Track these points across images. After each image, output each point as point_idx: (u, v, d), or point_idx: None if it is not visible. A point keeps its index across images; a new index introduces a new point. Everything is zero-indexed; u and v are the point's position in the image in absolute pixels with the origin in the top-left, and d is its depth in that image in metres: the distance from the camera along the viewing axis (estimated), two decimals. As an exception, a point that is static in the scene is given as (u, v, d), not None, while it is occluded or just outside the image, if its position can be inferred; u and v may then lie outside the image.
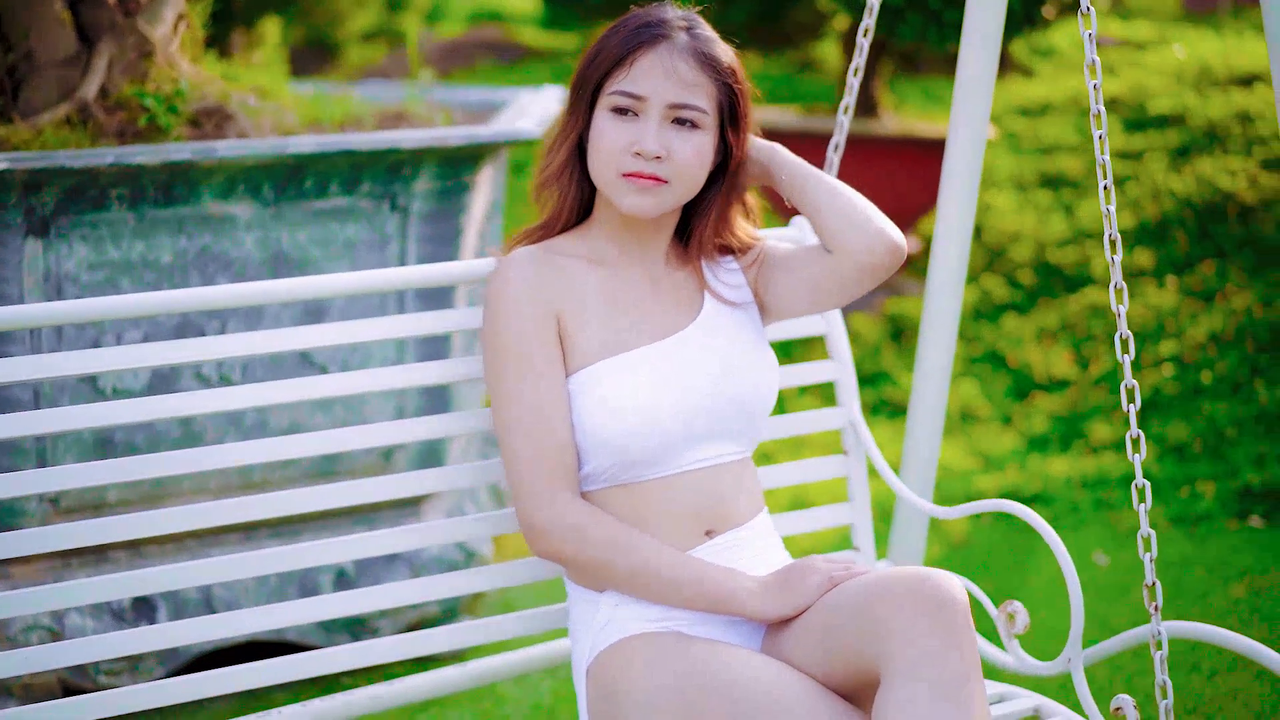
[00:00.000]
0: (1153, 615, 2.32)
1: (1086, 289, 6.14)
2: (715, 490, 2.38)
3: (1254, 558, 4.33)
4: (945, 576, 2.14)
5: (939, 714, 2.03)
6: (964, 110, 2.87)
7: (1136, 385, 2.38)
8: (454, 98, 4.53)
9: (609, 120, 2.32)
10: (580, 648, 2.38)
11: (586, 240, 2.43)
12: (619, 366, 2.32)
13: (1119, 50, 8.98)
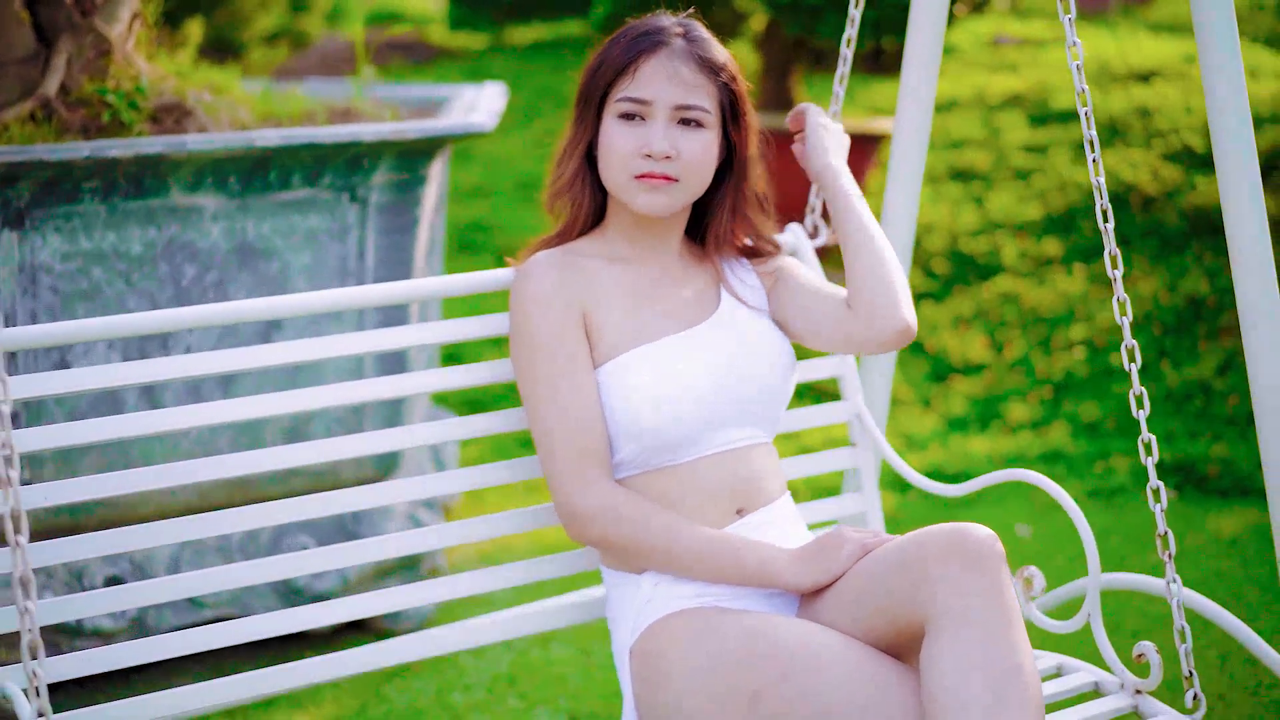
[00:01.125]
0: (1166, 564, 2.48)
1: (998, 277, 6.39)
2: (743, 471, 2.49)
3: (1172, 529, 4.56)
4: (980, 529, 2.24)
5: (991, 655, 2.13)
6: (908, 109, 3.06)
7: (1144, 392, 2.55)
8: (396, 94, 4.65)
9: (617, 126, 2.43)
10: (621, 629, 2.46)
11: (602, 243, 2.54)
12: (646, 355, 2.43)
13: (1019, 49, 9.26)
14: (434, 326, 2.62)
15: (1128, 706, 2.51)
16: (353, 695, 3.66)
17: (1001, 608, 2.18)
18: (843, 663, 2.23)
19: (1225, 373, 5.56)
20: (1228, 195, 2.58)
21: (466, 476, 2.59)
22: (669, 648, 2.37)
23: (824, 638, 2.27)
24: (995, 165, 7.26)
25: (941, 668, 2.14)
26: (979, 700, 2.10)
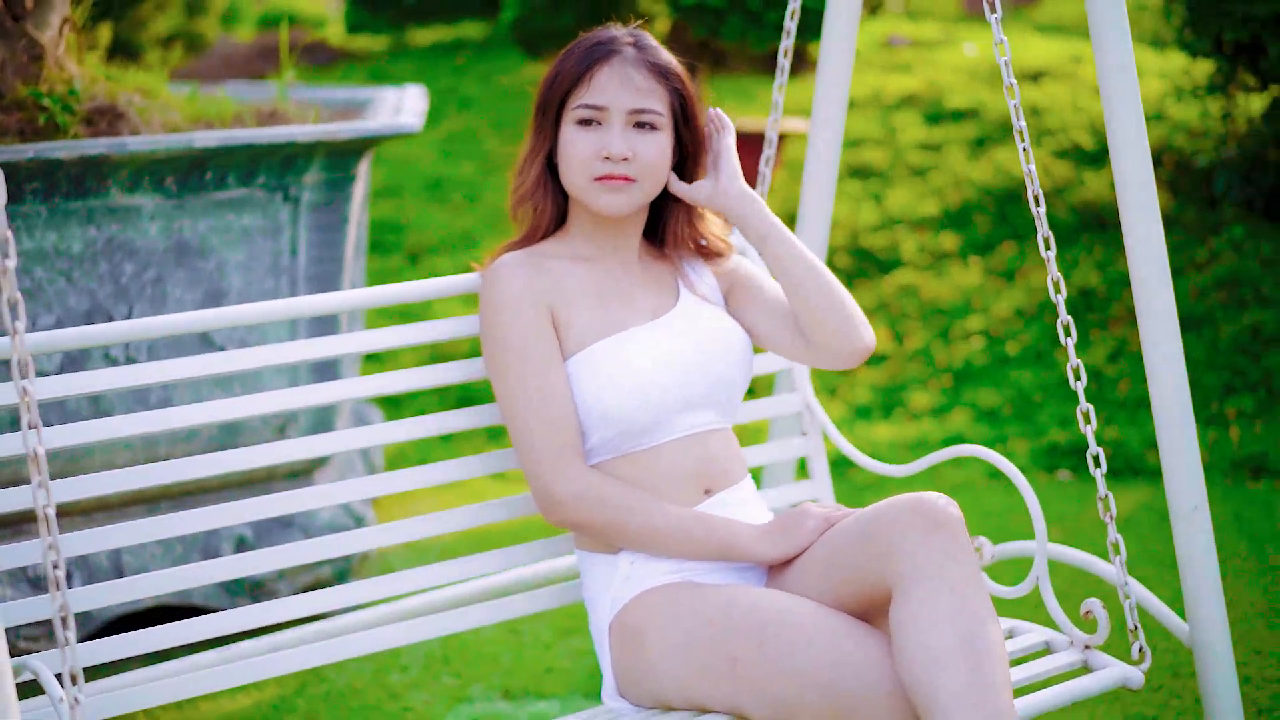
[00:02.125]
0: (1109, 525, 2.67)
1: (897, 271, 6.62)
2: (708, 453, 2.63)
3: (1065, 506, 4.80)
4: (939, 496, 2.40)
5: (960, 610, 2.28)
6: (824, 107, 3.25)
7: (1082, 365, 2.73)
8: (317, 97, 4.77)
9: (576, 132, 2.58)
10: (599, 608, 2.60)
11: (566, 244, 2.68)
12: (613, 347, 2.57)
13: (913, 49, 9.52)
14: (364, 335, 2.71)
15: (1078, 661, 2.67)
16: (293, 676, 3.78)
17: (965, 566, 2.33)
18: (816, 627, 2.36)
19: (1116, 360, 5.82)
20: (1124, 190, 2.74)
21: (398, 479, 2.69)
22: (648, 621, 2.51)
23: (796, 605, 2.41)
24: (893, 163, 7.49)
25: (914, 625, 2.28)
26: (952, 652, 2.24)
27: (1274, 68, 6.14)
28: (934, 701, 2.23)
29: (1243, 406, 5.50)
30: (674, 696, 2.49)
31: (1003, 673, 2.28)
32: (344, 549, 2.65)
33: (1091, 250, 6.49)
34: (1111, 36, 2.70)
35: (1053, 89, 7.97)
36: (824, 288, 2.67)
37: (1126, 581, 2.68)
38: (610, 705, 2.61)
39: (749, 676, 2.38)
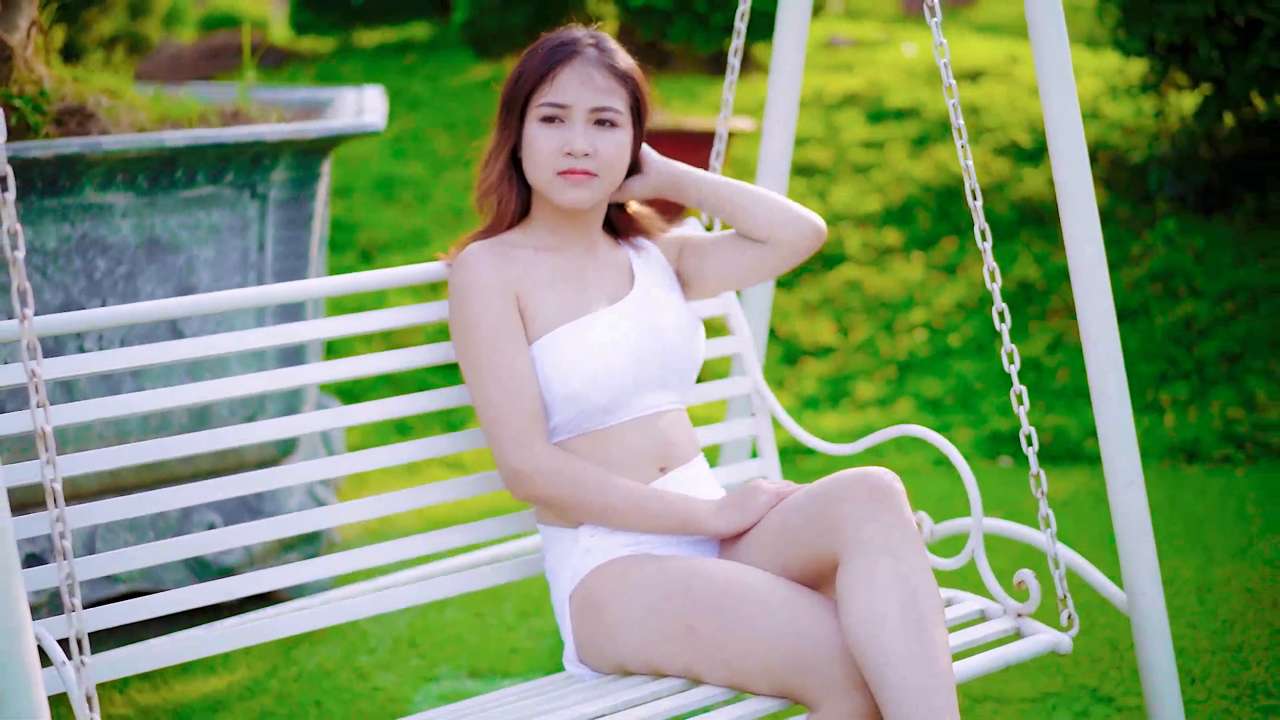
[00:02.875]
0: (1040, 500, 2.81)
1: (842, 266, 6.79)
2: (663, 433, 2.78)
3: (1007, 491, 4.97)
4: (884, 471, 2.54)
5: (902, 576, 2.43)
6: (776, 107, 3.40)
7: (1015, 349, 2.88)
8: (278, 97, 4.88)
9: (540, 129, 2.71)
10: (561, 580, 2.74)
11: (529, 234, 2.81)
12: (575, 331, 2.71)
13: (853, 50, 9.69)
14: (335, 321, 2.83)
15: (1011, 628, 2.82)
16: (264, 660, 3.89)
17: (906, 535, 2.47)
18: (769, 594, 2.50)
19: (1054, 351, 6.00)
20: (1063, 187, 2.86)
21: (360, 459, 2.81)
22: (608, 592, 2.64)
23: (750, 575, 2.54)
24: (836, 161, 7.66)
25: (859, 591, 2.42)
26: (894, 616, 2.39)
27: (1204, 67, 6.33)
28: (878, 663, 2.36)
29: (1176, 394, 5.69)
30: (632, 662, 2.62)
31: (941, 637, 2.41)
32: (315, 524, 2.75)
33: (1030, 245, 6.68)
34: (1049, 39, 2.83)
35: (991, 88, 8.16)
36: (760, 199, 2.87)
37: (1056, 554, 2.83)
38: (571, 671, 2.74)
39: (706, 643, 2.51)
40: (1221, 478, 5.17)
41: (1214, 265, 6.28)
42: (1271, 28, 6.02)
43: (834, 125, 8.06)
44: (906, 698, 2.34)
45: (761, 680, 2.48)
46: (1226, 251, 6.34)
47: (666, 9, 6.25)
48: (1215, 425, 5.45)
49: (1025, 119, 7.70)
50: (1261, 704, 3.54)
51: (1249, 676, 3.67)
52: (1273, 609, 4.07)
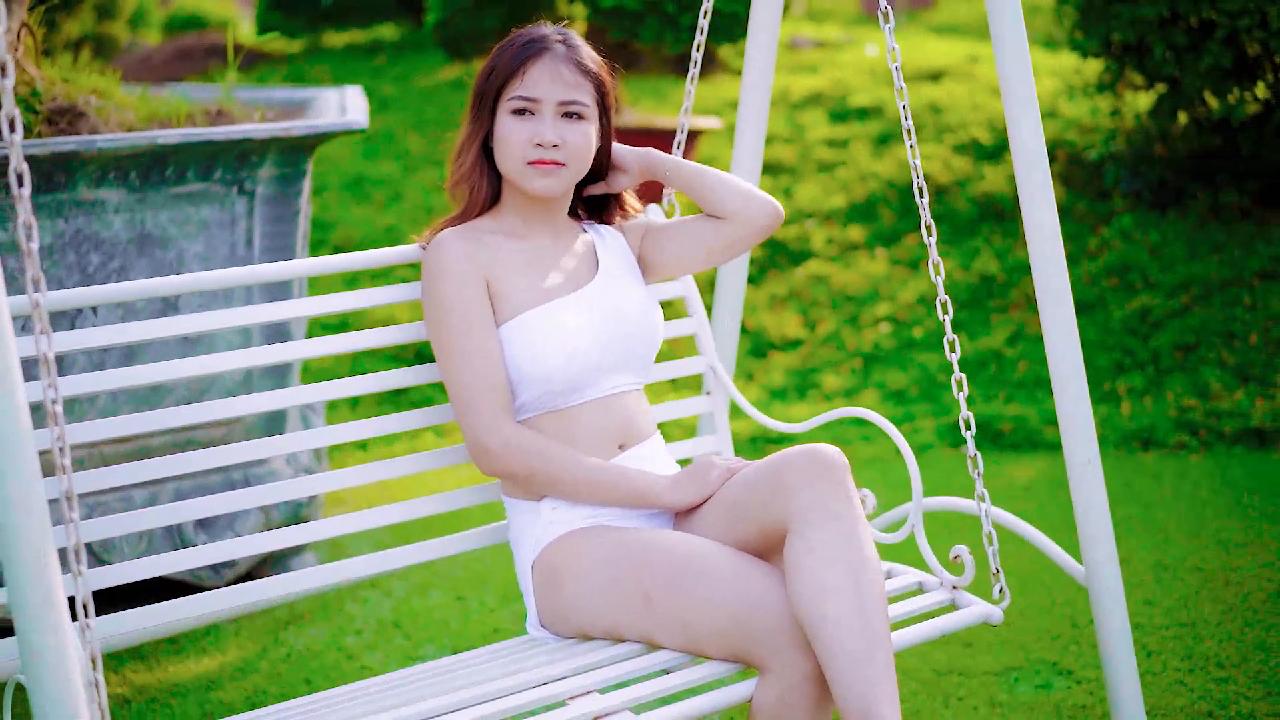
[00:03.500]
0: (976, 480, 2.96)
1: (808, 261, 6.94)
2: (623, 412, 2.92)
3: (967, 477, 5.12)
4: (830, 448, 2.69)
5: (846, 548, 2.57)
6: (748, 106, 3.53)
7: (957, 339, 3.03)
8: (259, 97, 4.99)
9: (511, 121, 2.85)
10: (524, 549, 2.87)
11: (499, 220, 2.95)
12: (543, 314, 2.84)
13: (817, 50, 9.85)
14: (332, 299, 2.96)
15: (946, 600, 2.95)
16: (254, 640, 4.02)
17: (850, 509, 2.62)
18: (721, 564, 2.64)
19: (1015, 342, 6.17)
20: (1024, 183, 2.99)
21: (343, 431, 2.93)
22: (569, 560, 2.78)
23: (703, 545, 2.69)
24: (801, 159, 7.81)
25: (805, 561, 2.56)
26: (837, 585, 2.53)
27: (1159, 67, 6.50)
28: (821, 628, 2.51)
29: (1133, 384, 5.87)
30: (593, 628, 2.76)
31: (880, 606, 2.55)
32: (301, 491, 2.86)
33: (990, 240, 6.85)
34: (1010, 41, 2.96)
35: (952, 88, 8.33)
36: (724, 179, 3.01)
37: (991, 532, 2.96)
38: (534, 635, 2.88)
39: (663, 609, 2.65)
40: (1176, 464, 5.34)
41: (1168, 259, 6.46)
42: (1223, 29, 6.20)
43: (799, 124, 8.22)
44: (847, 662, 2.49)
45: (715, 645, 2.62)
46: (1180, 246, 6.53)
47: (637, 10, 6.38)
48: (1170, 413, 5.63)
49: (985, 117, 7.87)
50: (1215, 675, 3.70)
51: (1202, 649, 3.84)
52: (1225, 587, 4.24)
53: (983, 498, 2.99)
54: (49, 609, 1.93)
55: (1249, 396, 5.69)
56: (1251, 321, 6.05)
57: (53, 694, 1.94)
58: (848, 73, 8.95)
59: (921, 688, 3.68)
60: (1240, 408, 5.61)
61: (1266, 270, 6.28)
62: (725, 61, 9.42)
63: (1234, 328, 6.04)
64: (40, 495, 1.92)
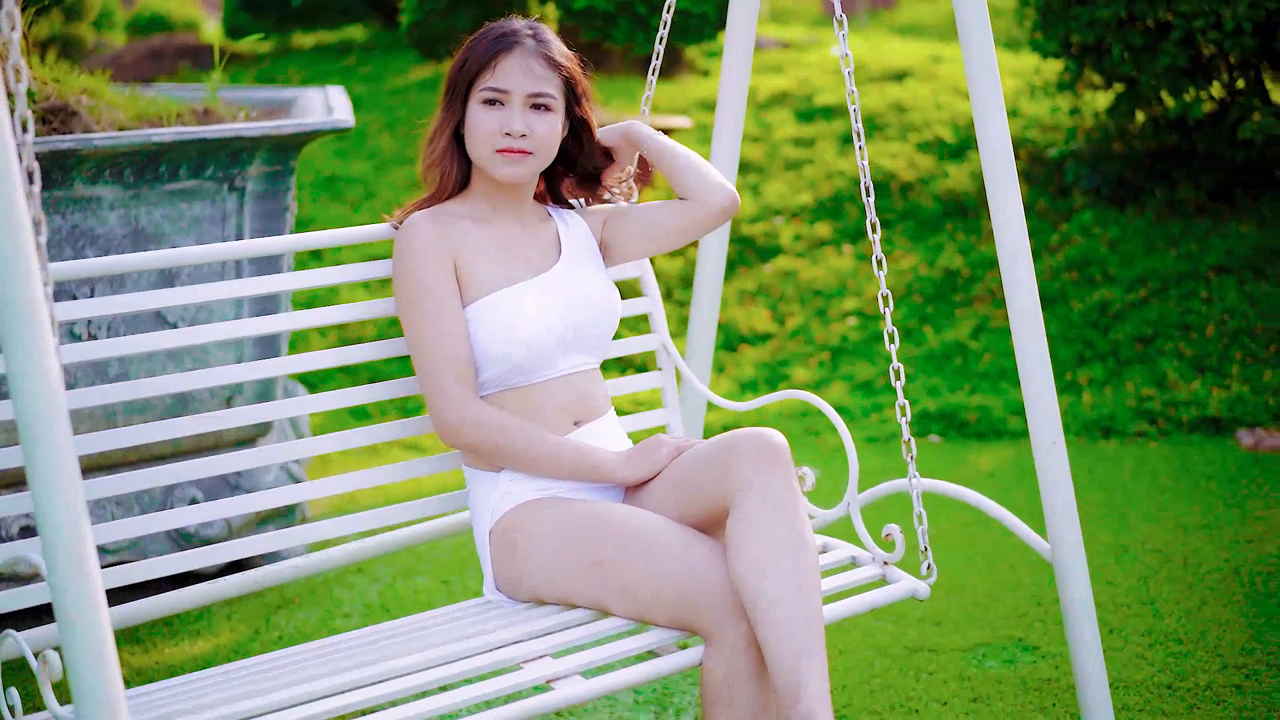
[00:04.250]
0: (909, 463, 3.09)
1: (777, 258, 7.10)
2: (580, 391, 3.06)
3: (935, 465, 5.29)
4: (772, 431, 2.84)
5: (784, 526, 2.72)
6: (727, 100, 3.67)
7: (896, 330, 3.17)
8: (242, 96, 5.11)
9: (482, 111, 2.99)
10: (481, 518, 3.01)
11: (468, 205, 3.09)
12: (508, 296, 2.98)
13: (782, 51, 10.00)
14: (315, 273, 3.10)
15: (877, 574, 3.08)
16: (246, 624, 4.14)
17: (790, 490, 2.78)
18: (667, 537, 2.79)
19: (979, 335, 6.34)
20: (992, 182, 3.12)
21: (330, 441, 3.07)
22: (524, 529, 2.93)
23: (651, 518, 2.84)
24: (768, 157, 7.96)
25: (744, 536, 2.72)
26: (776, 563, 2.68)
27: (1117, 67, 6.68)
28: (758, 602, 2.66)
29: (1093, 374, 6.04)
30: (546, 593, 2.91)
31: (814, 581, 2.70)
32: (289, 498, 3.03)
33: (954, 236, 7.02)
34: (978, 42, 3.09)
35: (915, 87, 8.49)
36: (693, 162, 3.15)
37: (921, 512, 3.08)
38: (490, 598, 3.03)
39: (612, 577, 2.80)
40: (1136, 451, 5.51)
41: (1127, 254, 6.64)
42: (1179, 30, 6.37)
43: (765, 123, 8.36)
44: (781, 634, 2.64)
45: (660, 613, 2.77)
46: (1139, 241, 6.71)
47: (609, 11, 6.52)
48: (1130, 403, 5.80)
49: (949, 116, 8.03)
50: (1173, 650, 3.86)
51: (1162, 626, 4.00)
52: (1183, 567, 4.41)
53: (915, 478, 3.11)
54: (84, 579, 2.04)
55: (1205, 386, 5.87)
56: (1208, 314, 6.24)
57: (89, 661, 2.06)
58: (813, 73, 9.11)
59: (893, 663, 3.83)
60: (1197, 397, 5.79)
61: (1222, 264, 6.46)
62: (692, 62, 9.56)
63: (1191, 320, 6.22)
64: (75, 474, 2.03)
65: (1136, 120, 7.10)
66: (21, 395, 1.97)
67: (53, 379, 1.97)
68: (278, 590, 4.35)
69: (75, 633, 2.01)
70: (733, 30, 3.65)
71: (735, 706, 2.72)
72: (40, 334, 1.96)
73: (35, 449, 1.98)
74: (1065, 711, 3.56)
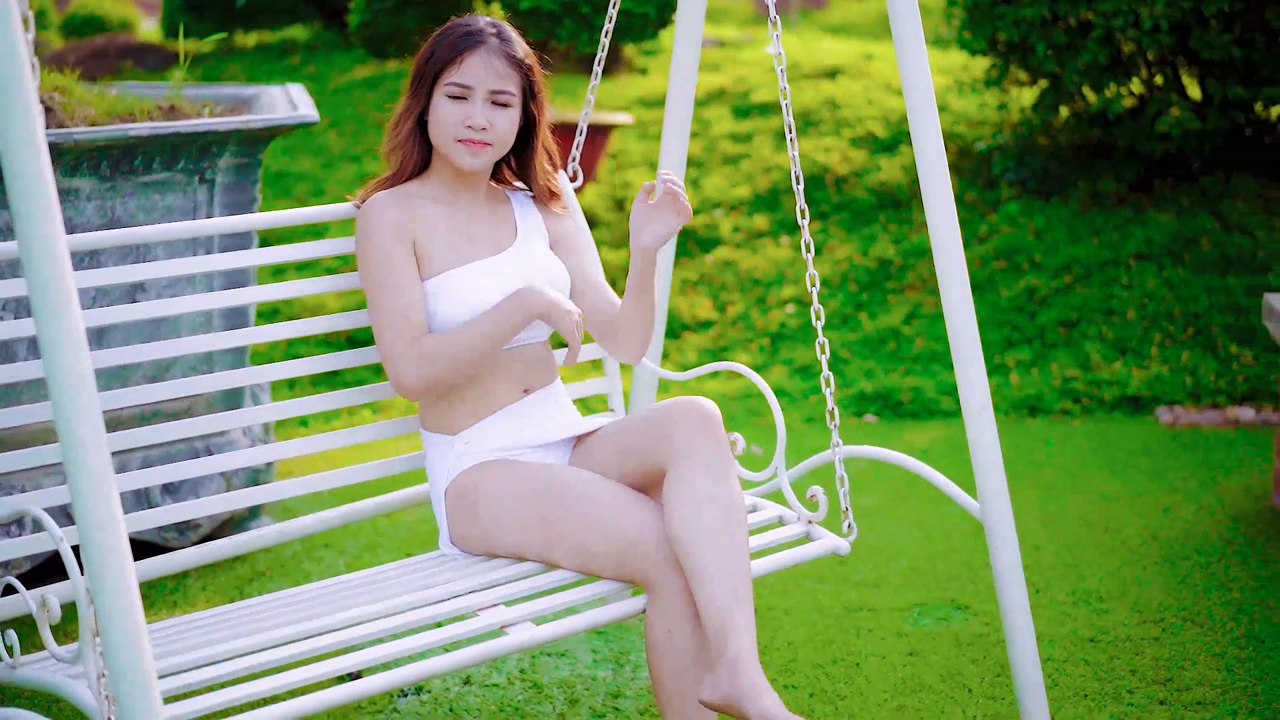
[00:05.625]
0: (832, 430, 3.34)
1: (717, 249, 7.35)
2: (530, 360, 3.29)
3: (870, 443, 5.52)
4: (706, 400, 3.10)
5: (716, 489, 2.97)
6: (675, 98, 3.90)
7: (821, 309, 3.41)
8: (206, 93, 5.30)
9: (447, 103, 3.21)
10: (438, 477, 3.24)
11: (427, 187, 3.31)
12: (465, 273, 3.20)
13: (718, 49, 10.26)
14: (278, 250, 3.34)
15: (802, 532, 3.32)
16: (220, 595, 4.34)
17: (722, 454, 3.03)
18: (609, 496, 3.03)
19: (911, 321, 6.62)
20: (925, 175, 3.32)
21: (294, 406, 3.31)
22: (478, 489, 3.16)
23: (595, 479, 3.08)
24: (707, 152, 8.22)
25: (678, 496, 2.96)
26: (707, 521, 2.92)
27: (1041, 64, 6.96)
28: (691, 555, 2.91)
29: (1020, 357, 6.34)
30: (498, 547, 3.15)
31: (742, 535, 2.95)
32: (258, 459, 3.25)
33: (887, 227, 7.29)
34: (909, 40, 3.31)
35: (848, 84, 8.77)
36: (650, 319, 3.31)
37: (842, 475, 3.33)
38: (445, 551, 3.26)
39: (558, 532, 3.04)
40: (1061, 428, 5.81)
41: (1052, 242, 6.94)
42: (1099, 29, 6.66)
43: (704, 120, 8.61)
44: (711, 584, 2.88)
45: (604, 564, 3.02)
46: (1063, 230, 7.01)
47: (553, 10, 6.75)
48: (1055, 383, 6.10)
49: (881, 112, 8.31)
50: (1096, 607, 4.13)
51: (1085, 586, 4.27)
52: (1105, 533, 4.69)
53: (837, 443, 3.36)
54: (110, 520, 2.24)
55: (1126, 366, 6.17)
56: (1128, 299, 6.54)
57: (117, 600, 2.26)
58: (749, 70, 9.36)
59: (835, 622, 4.08)
60: (1119, 377, 6.09)
61: (1141, 252, 6.77)
62: (630, 60, 9.79)
63: (1112, 304, 6.52)
64: (101, 432, 2.23)
65: (1061, 115, 7.38)
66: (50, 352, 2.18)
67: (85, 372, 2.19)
68: (249, 564, 4.55)
69: (97, 549, 2.22)
70: (681, 27, 3.87)
71: (675, 652, 2.95)
72: (70, 306, 2.17)
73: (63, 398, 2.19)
74: (994, 663, 3.82)
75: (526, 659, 3.86)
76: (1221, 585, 4.26)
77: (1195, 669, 3.75)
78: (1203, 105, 6.94)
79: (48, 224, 2.15)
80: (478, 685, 3.74)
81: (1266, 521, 4.73)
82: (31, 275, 2.14)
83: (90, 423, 2.19)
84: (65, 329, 2.16)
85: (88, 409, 2.18)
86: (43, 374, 2.36)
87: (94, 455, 2.19)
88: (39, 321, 2.16)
